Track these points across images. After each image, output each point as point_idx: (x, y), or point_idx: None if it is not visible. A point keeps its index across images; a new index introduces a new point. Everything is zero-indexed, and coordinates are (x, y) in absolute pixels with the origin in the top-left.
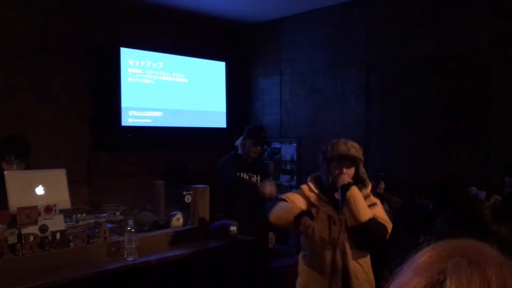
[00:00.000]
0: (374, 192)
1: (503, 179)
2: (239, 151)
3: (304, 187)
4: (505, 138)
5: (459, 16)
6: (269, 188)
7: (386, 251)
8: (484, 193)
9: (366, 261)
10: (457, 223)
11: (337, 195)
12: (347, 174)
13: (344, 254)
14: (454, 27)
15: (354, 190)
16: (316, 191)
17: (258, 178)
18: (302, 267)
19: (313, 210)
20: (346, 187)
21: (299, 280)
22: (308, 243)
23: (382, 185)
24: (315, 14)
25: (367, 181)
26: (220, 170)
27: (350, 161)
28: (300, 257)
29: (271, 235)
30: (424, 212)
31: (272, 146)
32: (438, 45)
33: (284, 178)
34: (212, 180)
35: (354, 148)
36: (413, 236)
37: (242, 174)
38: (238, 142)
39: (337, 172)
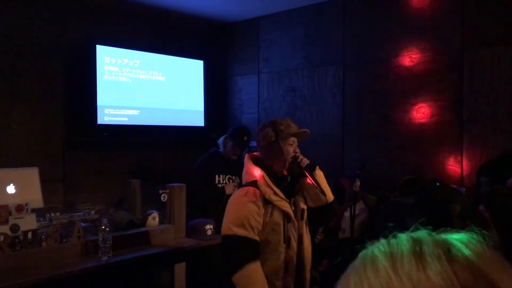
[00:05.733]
0: (350, 190)
1: (478, 178)
2: (220, 149)
3: (261, 182)
4: (477, 137)
5: (433, 17)
6: (230, 188)
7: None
8: (464, 189)
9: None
10: (424, 215)
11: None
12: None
13: (299, 251)
14: (427, 28)
15: (320, 171)
16: (270, 183)
17: (237, 178)
18: None
19: (268, 208)
20: (312, 167)
21: None
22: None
23: (358, 183)
24: (292, 14)
25: None
26: (193, 173)
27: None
28: None
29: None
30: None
31: (250, 144)
32: (412, 45)
33: None
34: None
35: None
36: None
37: (220, 176)
38: (220, 140)
39: (292, 151)
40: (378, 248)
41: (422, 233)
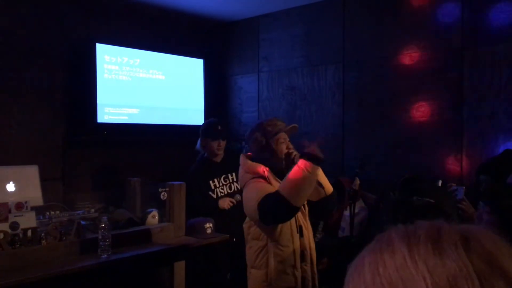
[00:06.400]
0: (349, 189)
1: (478, 177)
2: (205, 154)
3: (269, 175)
4: (477, 136)
5: (433, 16)
6: (224, 203)
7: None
8: (463, 188)
9: None
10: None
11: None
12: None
13: (309, 240)
14: (427, 27)
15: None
16: (275, 177)
17: (234, 176)
18: (261, 259)
19: None
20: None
21: (259, 274)
22: (269, 233)
23: (357, 181)
24: (291, 13)
25: None
26: (188, 185)
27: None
28: (254, 248)
29: None
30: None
31: (240, 146)
32: (411, 44)
33: None
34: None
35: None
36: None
37: (214, 180)
38: (198, 145)
39: (284, 147)
40: (395, 231)
41: (441, 221)
